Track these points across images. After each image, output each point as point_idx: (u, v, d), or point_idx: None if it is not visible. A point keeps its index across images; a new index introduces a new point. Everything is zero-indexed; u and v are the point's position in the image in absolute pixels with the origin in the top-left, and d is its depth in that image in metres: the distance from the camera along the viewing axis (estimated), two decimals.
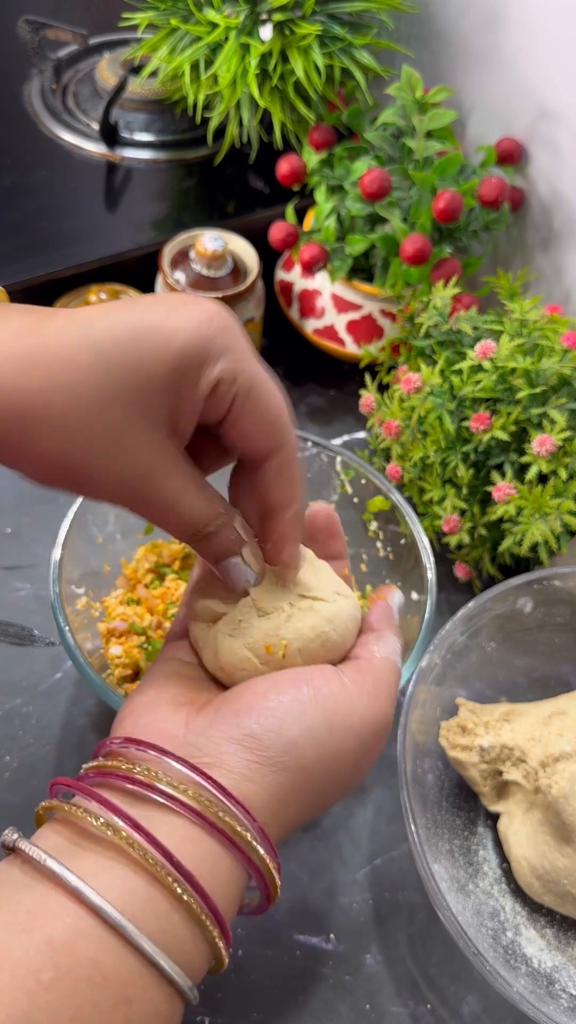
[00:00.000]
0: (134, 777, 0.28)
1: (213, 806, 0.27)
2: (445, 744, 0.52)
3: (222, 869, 0.28)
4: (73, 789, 0.28)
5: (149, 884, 0.26)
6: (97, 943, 0.25)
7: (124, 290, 0.69)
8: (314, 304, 0.73)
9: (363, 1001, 0.48)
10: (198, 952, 0.27)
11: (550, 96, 0.67)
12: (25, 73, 0.86)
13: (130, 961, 0.25)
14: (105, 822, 0.27)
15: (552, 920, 0.50)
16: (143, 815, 0.27)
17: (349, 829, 0.54)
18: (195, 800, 0.27)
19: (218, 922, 0.27)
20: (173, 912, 0.26)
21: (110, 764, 0.29)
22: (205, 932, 0.27)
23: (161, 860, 0.26)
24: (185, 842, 0.27)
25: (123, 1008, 0.25)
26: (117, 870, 0.26)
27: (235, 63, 0.67)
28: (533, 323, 0.60)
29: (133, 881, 0.26)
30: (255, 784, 0.29)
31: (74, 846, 0.27)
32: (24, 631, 0.60)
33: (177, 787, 0.27)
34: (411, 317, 0.67)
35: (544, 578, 0.55)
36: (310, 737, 0.30)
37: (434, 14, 0.75)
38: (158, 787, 0.27)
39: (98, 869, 0.26)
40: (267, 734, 0.29)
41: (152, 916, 0.26)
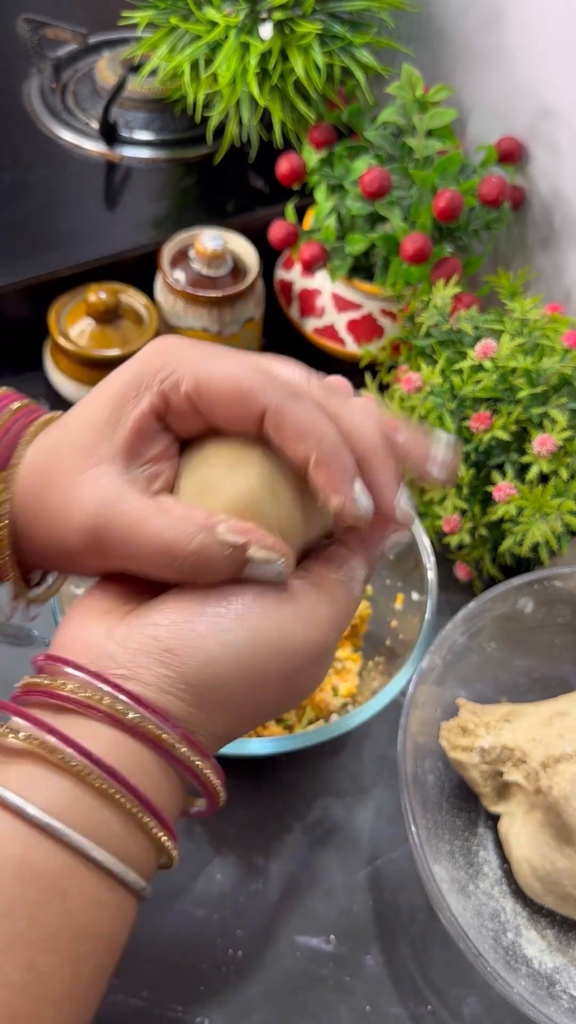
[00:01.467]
0: (55, 692, 0.28)
1: (129, 711, 0.28)
2: (446, 745, 0.52)
3: (151, 769, 0.28)
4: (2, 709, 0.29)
5: (74, 785, 0.27)
6: (23, 841, 0.26)
7: (123, 289, 0.69)
8: (314, 303, 0.73)
9: (363, 1002, 0.48)
10: (138, 845, 0.28)
11: (551, 95, 0.67)
12: (24, 72, 0.86)
13: (60, 855, 0.26)
14: (27, 735, 0.27)
15: (553, 921, 0.50)
16: (67, 725, 0.28)
17: (349, 830, 0.54)
18: (112, 709, 0.28)
19: (154, 814, 0.28)
20: (102, 808, 0.27)
21: (35, 681, 0.29)
22: (141, 825, 0.27)
23: (81, 759, 0.27)
24: (107, 745, 0.27)
25: (58, 900, 0.26)
26: (41, 776, 0.27)
27: (235, 62, 0.67)
28: (534, 322, 0.60)
29: (56, 783, 0.27)
30: (173, 696, 0.28)
31: (5, 762, 0.28)
32: (23, 631, 0.60)
33: (94, 698, 0.28)
34: (411, 316, 0.66)
35: (545, 578, 0.55)
36: (230, 656, 0.29)
37: (434, 13, 0.75)
38: (75, 698, 0.28)
39: (24, 779, 0.27)
40: (183, 648, 0.29)
41: (79, 813, 0.27)
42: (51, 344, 0.69)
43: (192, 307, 0.69)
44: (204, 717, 0.29)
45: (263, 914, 0.51)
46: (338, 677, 0.58)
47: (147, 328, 0.68)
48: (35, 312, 0.69)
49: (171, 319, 0.70)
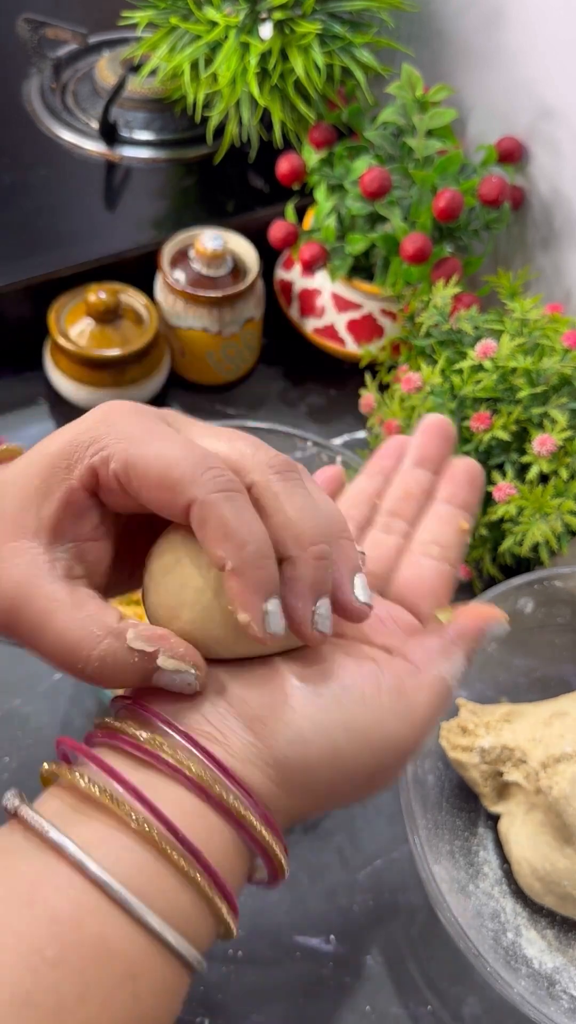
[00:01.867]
0: (138, 743, 0.27)
1: (216, 784, 0.27)
2: (446, 745, 0.52)
3: (227, 845, 0.27)
4: (76, 751, 0.28)
5: (153, 858, 0.26)
6: (103, 918, 0.24)
7: (123, 289, 0.69)
8: (314, 303, 0.73)
9: (363, 1002, 0.48)
10: (204, 925, 0.27)
11: (551, 95, 0.67)
12: (24, 72, 0.86)
13: (136, 937, 0.25)
14: (107, 791, 0.26)
15: (553, 921, 0.50)
16: (147, 782, 0.26)
17: (349, 830, 0.54)
18: (198, 776, 0.26)
19: (225, 897, 0.27)
20: (179, 887, 0.26)
21: (117, 725, 0.28)
22: (212, 907, 0.26)
23: (165, 833, 0.25)
24: (188, 815, 0.26)
25: (129, 984, 0.24)
26: (120, 841, 0.26)
27: (235, 62, 0.67)
28: (534, 322, 0.60)
29: (137, 854, 0.25)
30: (258, 771, 0.27)
31: (76, 814, 0.26)
32: None
33: (180, 760, 0.27)
34: (411, 316, 0.66)
35: (545, 578, 0.55)
36: (322, 740, 0.27)
37: (434, 13, 0.75)
38: (160, 756, 0.27)
39: (100, 840, 0.25)
40: (276, 722, 0.27)
41: (158, 891, 0.25)
42: (51, 344, 0.69)
43: (192, 307, 0.69)
44: (283, 796, 0.28)
45: (263, 914, 0.51)
46: None
47: (147, 328, 0.68)
48: (35, 312, 0.69)
49: (171, 319, 0.70)
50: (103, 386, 0.68)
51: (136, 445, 0.28)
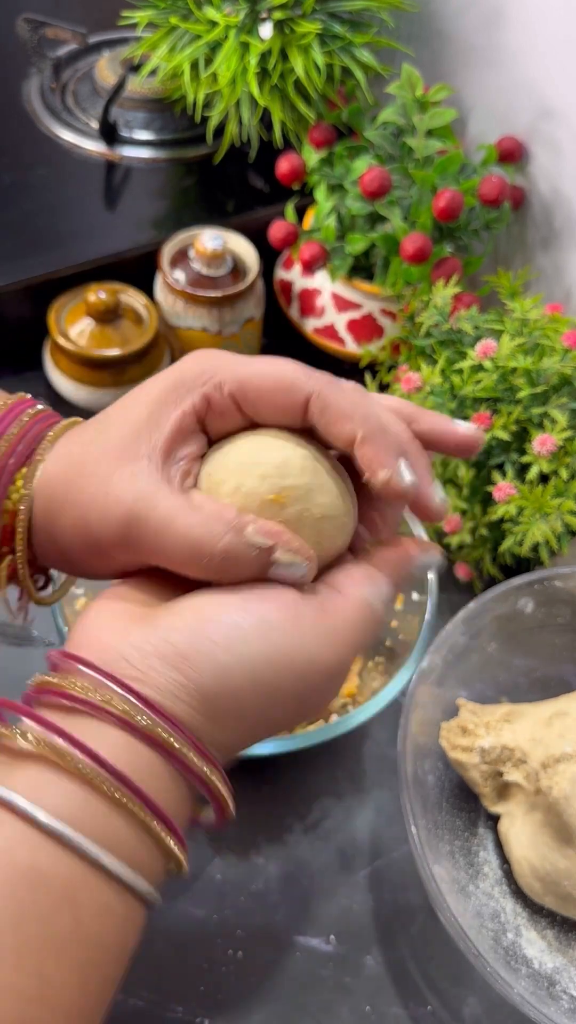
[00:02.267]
0: (67, 692, 0.28)
1: (141, 716, 0.27)
2: (446, 745, 0.52)
3: (160, 774, 0.28)
4: (12, 710, 0.29)
5: (84, 790, 0.26)
6: (33, 847, 0.25)
7: (123, 289, 0.69)
8: (314, 303, 0.73)
9: (363, 1003, 0.48)
10: (147, 852, 0.27)
11: (551, 94, 0.67)
12: (24, 72, 0.86)
13: (70, 862, 0.26)
14: (36, 737, 0.27)
15: (553, 921, 0.50)
16: (76, 726, 0.27)
17: (349, 831, 0.54)
18: (123, 712, 0.27)
19: (164, 821, 0.27)
20: (111, 813, 0.27)
21: (47, 680, 0.29)
22: (151, 832, 0.27)
23: (91, 764, 0.26)
24: (118, 749, 0.27)
25: (68, 907, 0.25)
26: (51, 780, 0.27)
27: (235, 61, 0.67)
28: (534, 322, 0.60)
29: (66, 787, 0.26)
30: (184, 704, 0.28)
31: (10, 766, 0.27)
32: (23, 631, 0.60)
33: (106, 700, 0.28)
34: (411, 316, 0.66)
35: (545, 578, 0.55)
36: (244, 668, 0.29)
37: (434, 12, 0.75)
38: (88, 700, 0.28)
39: (33, 783, 0.26)
40: (198, 656, 0.28)
41: (88, 818, 0.26)
42: (51, 344, 0.69)
43: (192, 307, 0.69)
44: (214, 727, 0.29)
45: (263, 914, 0.51)
46: None
47: (147, 328, 0.68)
48: (35, 312, 0.69)
49: (171, 319, 0.70)
50: (103, 386, 0.68)
51: (244, 367, 0.31)
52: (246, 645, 0.29)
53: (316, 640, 0.30)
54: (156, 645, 0.29)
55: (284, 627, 0.29)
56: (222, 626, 0.29)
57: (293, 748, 0.49)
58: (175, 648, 0.28)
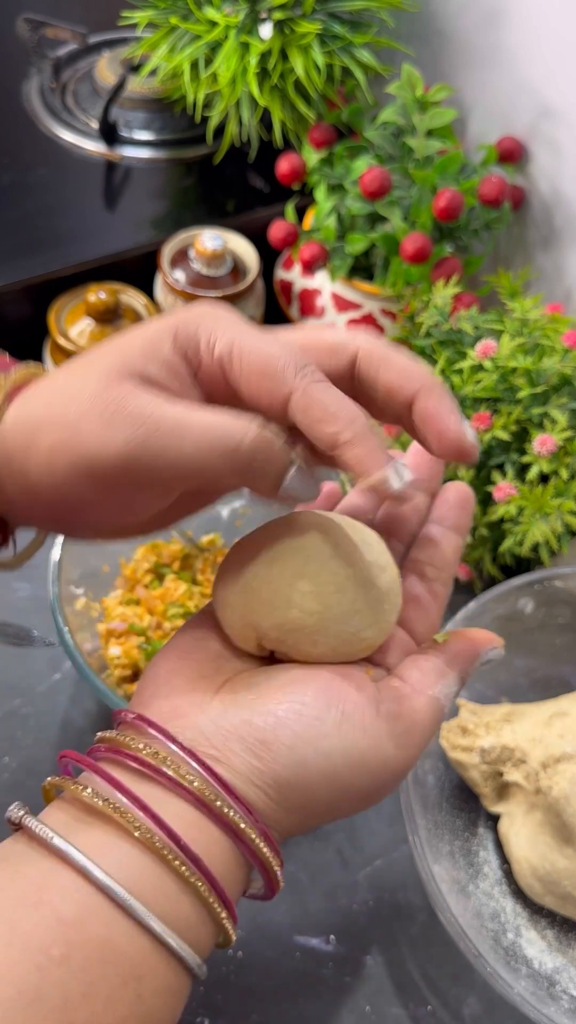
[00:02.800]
0: (141, 758, 0.28)
1: (218, 799, 0.27)
2: (446, 745, 0.52)
3: (226, 856, 0.28)
4: (80, 764, 0.28)
5: (156, 865, 0.26)
6: (107, 921, 0.25)
7: (123, 289, 0.69)
8: (314, 303, 0.73)
9: (363, 1003, 0.48)
10: (205, 930, 0.28)
11: (551, 94, 0.67)
12: (24, 72, 0.86)
13: (139, 939, 0.26)
14: (110, 802, 0.27)
15: (553, 921, 0.50)
16: (149, 795, 0.27)
17: (349, 830, 0.54)
18: (198, 791, 0.27)
19: (225, 904, 0.27)
20: (180, 893, 0.27)
21: (120, 739, 0.28)
22: (212, 913, 0.27)
23: (168, 842, 0.26)
24: (189, 826, 0.27)
25: (133, 984, 0.25)
26: (123, 849, 0.26)
27: (235, 61, 0.67)
28: (534, 322, 0.60)
29: (140, 861, 0.26)
30: (259, 790, 0.28)
31: (80, 823, 0.27)
32: (23, 631, 0.60)
33: (184, 776, 0.27)
34: (412, 316, 0.66)
35: (545, 578, 0.55)
36: (322, 764, 0.28)
37: (434, 12, 0.75)
38: (164, 771, 0.27)
39: (104, 848, 0.26)
40: (277, 744, 0.28)
41: (160, 896, 0.26)
42: (51, 344, 0.69)
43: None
44: (282, 814, 0.29)
45: (263, 914, 0.51)
46: None
47: None
48: (35, 312, 0.69)
49: None
50: None
51: (240, 334, 0.29)
52: (326, 741, 0.28)
53: (391, 743, 0.30)
54: (237, 726, 0.28)
55: (364, 726, 0.29)
56: (304, 718, 0.29)
57: None
58: (255, 734, 0.28)
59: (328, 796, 0.29)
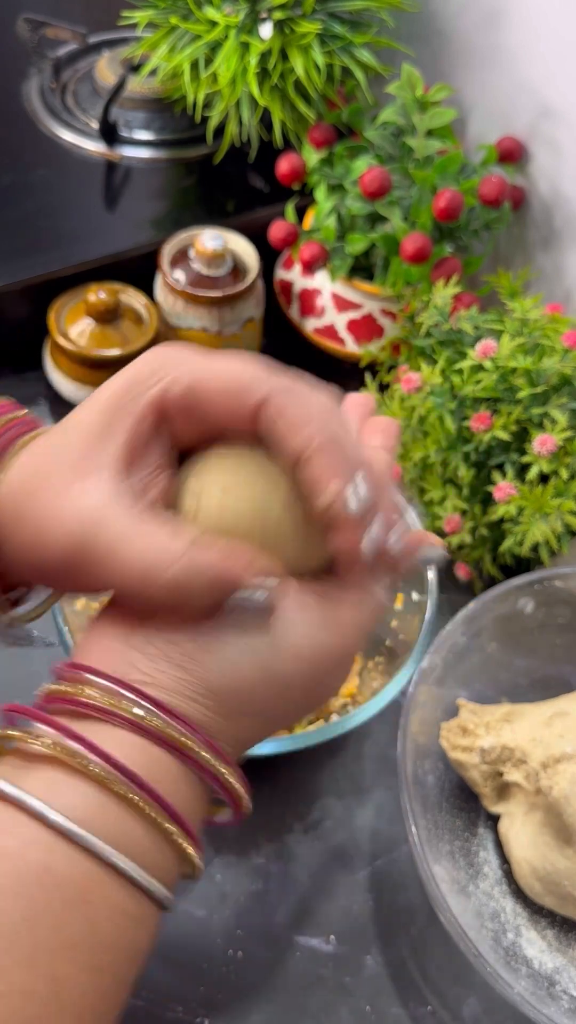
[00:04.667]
0: (77, 699, 0.28)
1: (153, 718, 0.27)
2: (446, 745, 0.52)
3: (173, 774, 0.28)
4: (24, 715, 0.29)
5: (97, 792, 0.26)
6: (46, 848, 0.25)
7: (123, 289, 0.69)
8: (314, 303, 0.73)
9: (363, 1003, 0.48)
10: (161, 853, 0.27)
11: (551, 94, 0.67)
12: (24, 72, 0.86)
13: (83, 862, 0.26)
14: (50, 741, 0.27)
15: (553, 922, 0.50)
16: (87, 730, 0.27)
17: (349, 830, 0.54)
18: (134, 716, 0.27)
19: (178, 822, 0.27)
20: (125, 815, 0.26)
21: (56, 688, 0.29)
22: (164, 832, 0.27)
23: (104, 765, 0.26)
24: (130, 750, 0.27)
25: (82, 907, 0.25)
26: (64, 782, 0.26)
27: (235, 61, 0.67)
28: (534, 322, 0.60)
29: (79, 789, 0.26)
30: (194, 702, 0.28)
31: (24, 769, 0.27)
32: (22, 631, 0.60)
33: (114, 705, 0.27)
34: (411, 316, 0.66)
35: (545, 578, 0.55)
36: (252, 661, 0.28)
37: (435, 12, 0.75)
38: (99, 706, 0.27)
39: (46, 784, 0.26)
40: (204, 653, 0.28)
41: (102, 820, 0.26)
42: (51, 344, 0.69)
43: (192, 307, 0.69)
44: (225, 723, 0.29)
45: (263, 914, 0.51)
46: None
47: (147, 328, 0.68)
48: (35, 312, 0.69)
49: (171, 319, 0.70)
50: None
51: (200, 365, 0.29)
52: (251, 638, 0.28)
53: (322, 628, 0.29)
54: (161, 647, 0.28)
55: (288, 616, 0.29)
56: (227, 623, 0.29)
57: (293, 748, 0.49)
58: (180, 647, 0.28)
59: (266, 693, 0.29)
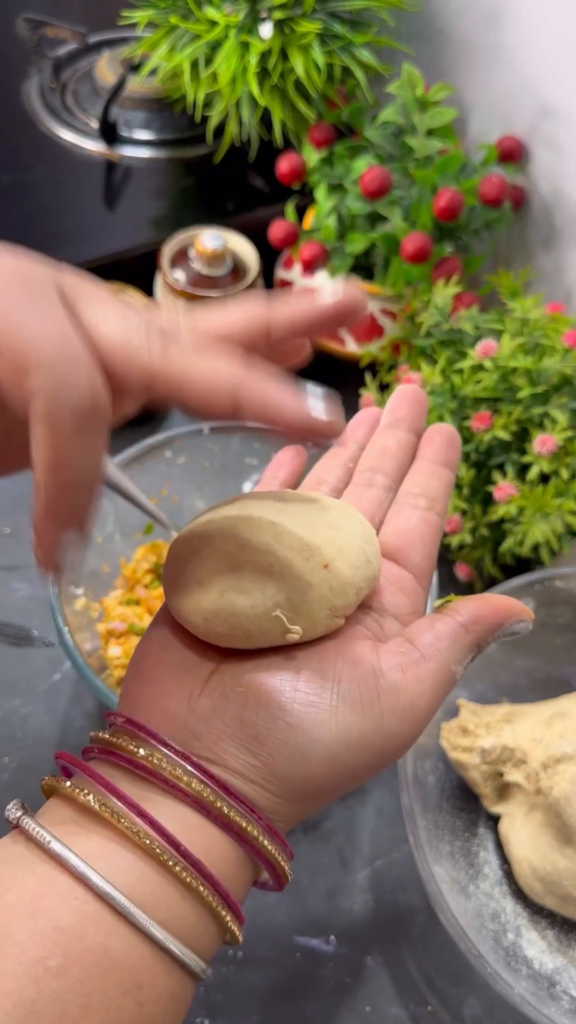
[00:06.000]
0: (137, 760, 0.27)
1: (217, 800, 0.27)
2: (446, 745, 0.52)
3: (229, 856, 0.27)
4: (74, 766, 0.28)
5: (155, 871, 0.26)
6: (106, 929, 0.25)
7: (123, 289, 0.69)
8: None
9: (364, 1003, 0.48)
10: (208, 934, 0.27)
11: (551, 94, 0.67)
12: (24, 71, 0.86)
13: (140, 947, 0.25)
14: (107, 806, 0.26)
15: (553, 922, 0.50)
16: (146, 798, 0.26)
17: (350, 831, 0.54)
18: (197, 793, 0.26)
19: (229, 906, 0.27)
20: (181, 899, 0.26)
21: (114, 741, 0.28)
22: (216, 916, 0.27)
23: (166, 847, 0.26)
24: (190, 830, 0.26)
25: (134, 993, 0.25)
26: (121, 854, 0.26)
27: (235, 61, 0.67)
28: (534, 322, 0.59)
29: (138, 867, 0.25)
30: (257, 787, 0.27)
31: (77, 827, 0.26)
32: (23, 632, 0.60)
33: (179, 778, 0.26)
34: (412, 316, 0.66)
35: (545, 578, 0.55)
36: (321, 752, 0.27)
37: (435, 12, 0.75)
38: (160, 774, 0.26)
39: (102, 853, 0.25)
40: (272, 740, 0.27)
41: (160, 902, 0.25)
42: None
43: (192, 307, 0.68)
44: (285, 806, 0.28)
45: (263, 914, 0.51)
46: None
47: None
48: None
49: None
50: None
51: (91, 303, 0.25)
52: (322, 727, 0.27)
53: (394, 718, 0.28)
54: (228, 724, 0.27)
55: (362, 706, 0.27)
56: (298, 707, 0.27)
57: None
58: (247, 731, 0.27)
59: (331, 780, 0.28)
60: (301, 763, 0.27)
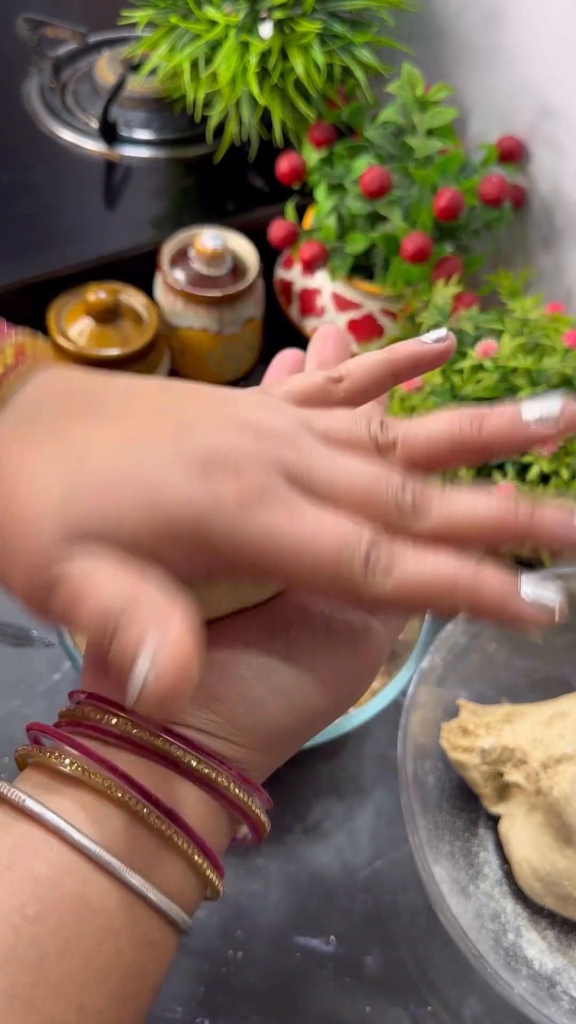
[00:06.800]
0: (103, 727, 0.28)
1: (185, 755, 0.27)
2: (446, 746, 0.52)
3: (204, 809, 0.28)
4: (48, 735, 0.29)
5: (131, 823, 0.26)
6: (83, 878, 0.25)
7: (123, 289, 0.69)
8: (314, 303, 0.72)
9: (363, 1003, 0.48)
10: (188, 884, 0.28)
11: (551, 94, 0.67)
12: (24, 71, 0.86)
13: (116, 894, 0.26)
14: (79, 765, 0.27)
15: (553, 922, 0.50)
16: (118, 758, 0.27)
17: (350, 831, 0.54)
18: (166, 750, 0.27)
19: (206, 854, 0.28)
20: (158, 848, 0.27)
21: (80, 712, 0.29)
22: (194, 865, 0.27)
23: (141, 799, 0.27)
24: (161, 783, 0.27)
25: (111, 939, 0.26)
26: (96, 809, 0.27)
27: (235, 61, 0.67)
28: (534, 322, 0.59)
29: (114, 819, 0.26)
30: (223, 741, 0.28)
31: (53, 788, 0.27)
32: (22, 631, 0.60)
33: (146, 739, 0.27)
34: (412, 316, 0.66)
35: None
36: (280, 699, 0.28)
37: (435, 11, 0.75)
38: (128, 737, 0.27)
39: (76, 808, 0.26)
40: (230, 695, 0.28)
41: (137, 853, 0.26)
42: (51, 344, 0.69)
43: (192, 307, 0.68)
44: (255, 754, 0.29)
45: (263, 914, 0.51)
46: None
47: (147, 328, 0.68)
48: (34, 312, 0.69)
49: (171, 319, 0.70)
50: None
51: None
52: (276, 675, 0.28)
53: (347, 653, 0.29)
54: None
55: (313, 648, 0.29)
56: (249, 657, 0.28)
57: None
58: (205, 691, 0.28)
59: (295, 724, 0.29)
60: (262, 713, 0.28)
